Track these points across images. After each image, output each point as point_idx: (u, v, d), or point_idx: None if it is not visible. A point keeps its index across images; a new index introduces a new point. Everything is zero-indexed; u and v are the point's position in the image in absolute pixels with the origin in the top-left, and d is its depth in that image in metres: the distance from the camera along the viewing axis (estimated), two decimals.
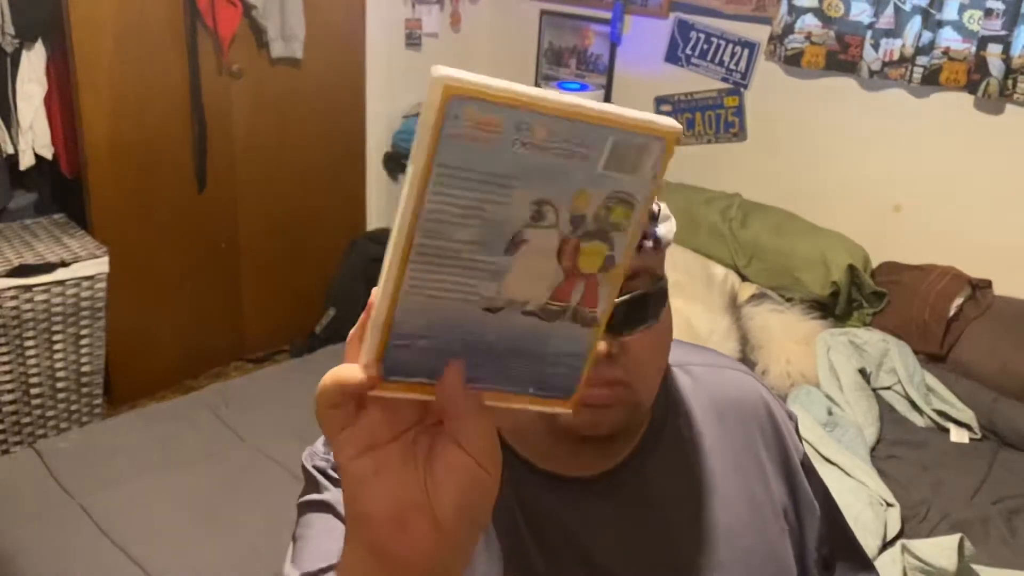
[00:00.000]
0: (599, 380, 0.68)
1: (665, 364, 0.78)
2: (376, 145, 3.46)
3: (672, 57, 3.13)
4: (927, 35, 2.51)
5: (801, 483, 0.89)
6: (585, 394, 0.49)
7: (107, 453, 1.86)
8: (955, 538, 1.61)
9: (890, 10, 2.55)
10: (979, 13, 2.44)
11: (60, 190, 2.89)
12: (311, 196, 3.28)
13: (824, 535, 0.92)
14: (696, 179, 3.04)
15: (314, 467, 0.81)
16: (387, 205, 3.58)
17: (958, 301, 2.48)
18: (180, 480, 1.79)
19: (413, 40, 3.43)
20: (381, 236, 3.34)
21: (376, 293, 0.43)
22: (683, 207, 2.85)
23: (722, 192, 2.92)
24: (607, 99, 3.33)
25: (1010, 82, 2.39)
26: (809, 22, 2.71)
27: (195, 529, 1.65)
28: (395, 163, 3.50)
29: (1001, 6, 2.38)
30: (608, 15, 3.25)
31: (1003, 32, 2.39)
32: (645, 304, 0.71)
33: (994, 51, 2.41)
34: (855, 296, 2.60)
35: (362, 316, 0.46)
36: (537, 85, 3.46)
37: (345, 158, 3.37)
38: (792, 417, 0.92)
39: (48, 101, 2.64)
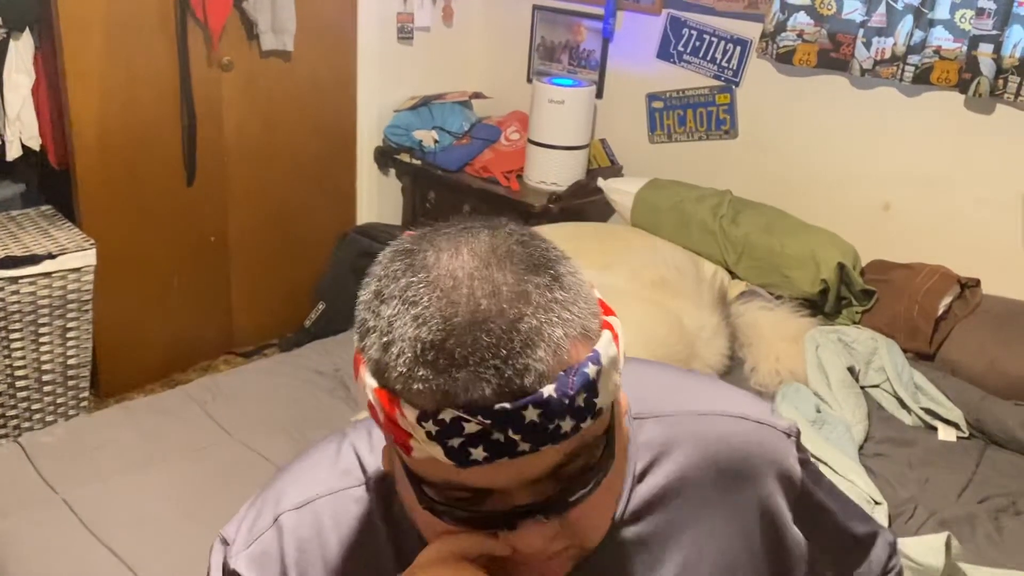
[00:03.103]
0: (542, 557, 0.61)
1: (618, 495, 0.70)
2: (367, 139, 3.45)
3: (664, 54, 3.13)
4: (919, 34, 2.51)
5: (791, 540, 0.80)
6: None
7: (92, 447, 1.85)
8: (942, 536, 1.62)
9: (882, 8, 2.55)
10: (971, 12, 2.44)
11: (48, 181, 2.88)
12: (301, 189, 3.26)
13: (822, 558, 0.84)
14: (687, 176, 3.04)
15: None
16: (378, 199, 3.57)
17: (947, 300, 2.48)
18: (165, 475, 1.77)
19: (405, 34, 3.42)
20: (371, 230, 3.33)
21: None
22: (674, 204, 2.85)
23: (713, 189, 2.92)
24: (599, 95, 3.32)
25: (1001, 82, 2.39)
26: (801, 20, 2.71)
27: (179, 524, 1.64)
28: (386, 157, 3.49)
29: (992, 6, 2.38)
30: (601, 11, 3.24)
31: (994, 32, 2.39)
32: (590, 473, 0.61)
33: (985, 51, 2.41)
34: (844, 294, 2.60)
35: None
36: (529, 80, 3.46)
37: (336, 152, 3.36)
38: (792, 435, 0.80)
39: (36, 92, 2.62)
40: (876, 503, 1.83)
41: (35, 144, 2.65)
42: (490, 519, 0.59)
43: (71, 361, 2.59)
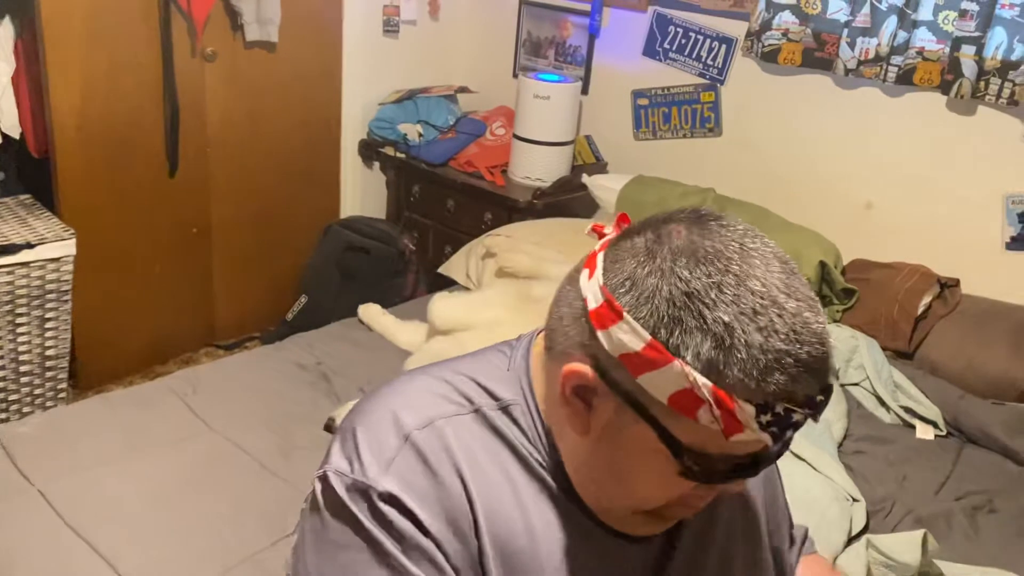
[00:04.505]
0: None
1: None
2: (352, 132, 3.43)
3: (650, 51, 3.13)
4: (902, 35, 2.52)
5: (775, 486, 0.95)
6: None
7: (69, 438, 1.83)
8: (918, 534, 1.63)
9: (866, 9, 2.56)
10: (954, 14, 2.46)
11: (27, 170, 2.84)
12: (285, 182, 3.24)
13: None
14: (671, 173, 3.04)
15: (368, 512, 0.75)
16: (362, 192, 3.55)
17: (927, 299, 2.50)
18: (143, 467, 1.76)
19: (391, 27, 3.41)
20: (355, 223, 3.32)
21: None
22: (657, 201, 2.86)
23: (696, 187, 2.93)
24: (585, 91, 3.32)
25: (982, 83, 2.41)
26: (786, 19, 2.72)
27: (156, 517, 1.63)
28: (370, 150, 3.48)
29: (975, 8, 2.40)
30: (587, 7, 3.24)
31: (976, 33, 2.41)
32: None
33: (967, 52, 2.43)
34: (826, 292, 2.62)
35: None
36: (515, 75, 3.45)
37: (320, 144, 3.34)
38: None
39: (16, 80, 2.59)
40: (854, 500, 1.85)
41: (15, 132, 2.62)
42: (738, 474, 0.71)
43: (49, 352, 2.56)
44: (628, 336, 0.66)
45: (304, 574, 0.76)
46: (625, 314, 0.66)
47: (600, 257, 0.72)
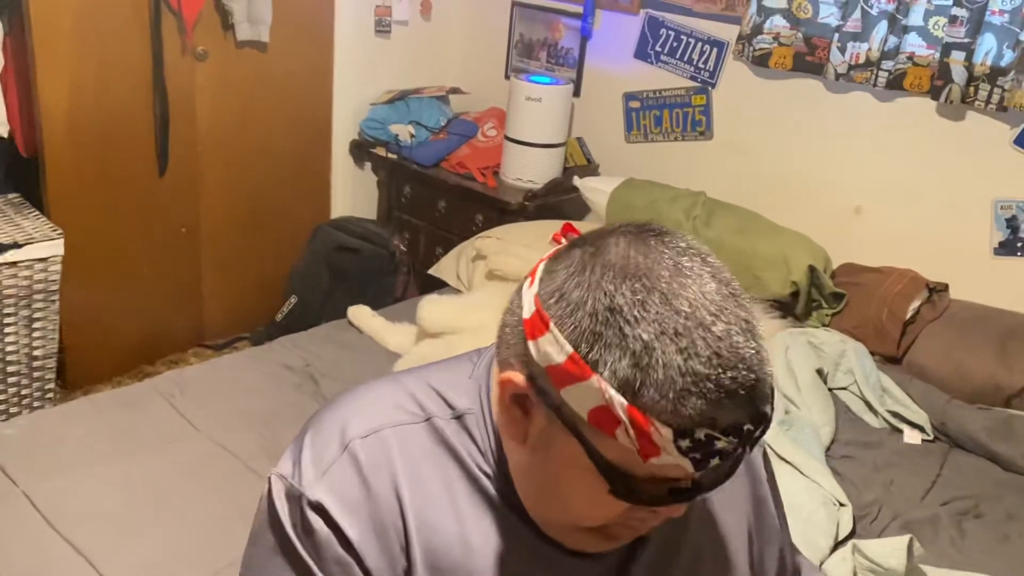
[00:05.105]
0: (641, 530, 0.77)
1: None
2: (343, 132, 3.42)
3: (642, 54, 3.13)
4: (893, 40, 2.53)
5: (767, 510, 0.93)
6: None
7: (55, 440, 1.82)
8: (904, 539, 1.63)
9: (857, 14, 2.57)
10: (944, 20, 2.46)
11: (15, 169, 2.82)
12: (275, 182, 3.23)
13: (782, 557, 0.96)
14: (661, 177, 3.04)
15: (295, 519, 0.76)
16: (352, 193, 3.55)
17: (915, 304, 2.51)
18: (129, 469, 1.75)
19: (383, 27, 3.40)
20: (345, 224, 3.31)
21: None
22: (648, 204, 2.86)
23: (687, 190, 2.93)
24: (577, 93, 3.32)
25: (972, 89, 2.42)
26: (778, 23, 2.72)
27: (142, 520, 1.62)
28: (361, 151, 3.47)
29: (965, 14, 2.41)
30: (579, 9, 3.24)
31: (966, 39, 2.42)
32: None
33: (957, 58, 2.44)
34: (815, 296, 2.62)
35: None
36: (507, 77, 3.45)
37: (311, 144, 3.33)
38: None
39: (4, 78, 2.58)
40: (841, 505, 1.85)
41: (3, 131, 2.60)
42: (674, 499, 0.69)
43: (36, 352, 2.55)
44: (552, 348, 0.66)
45: (244, 562, 0.80)
46: (551, 325, 0.66)
47: (541, 267, 0.71)
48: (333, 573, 0.74)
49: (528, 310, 0.69)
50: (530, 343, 0.68)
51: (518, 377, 0.70)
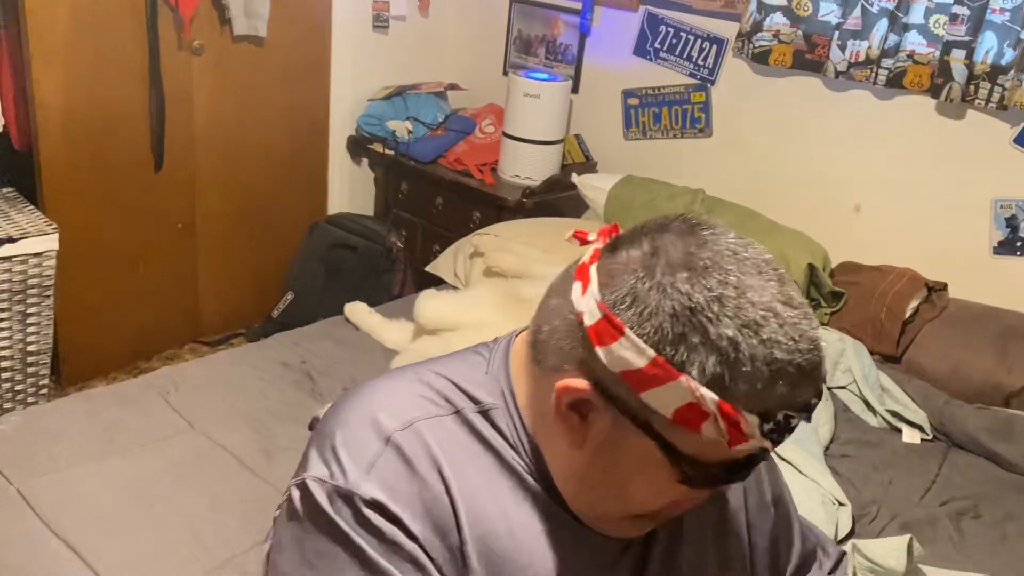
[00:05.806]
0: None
1: None
2: (340, 128, 3.41)
3: (641, 50, 3.12)
4: (893, 38, 2.52)
5: (758, 484, 0.94)
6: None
7: (48, 436, 1.80)
8: (904, 539, 1.62)
9: (857, 11, 2.56)
10: (944, 18, 2.45)
11: (10, 163, 2.80)
12: (272, 178, 3.22)
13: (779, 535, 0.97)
14: (660, 174, 3.04)
15: (352, 519, 0.73)
16: (349, 189, 3.53)
17: (914, 303, 2.50)
18: (123, 466, 1.73)
19: (380, 23, 3.38)
20: (342, 220, 3.30)
21: None
22: (646, 201, 2.85)
23: (686, 188, 2.92)
24: (575, 90, 3.31)
25: (972, 87, 2.41)
26: (778, 20, 2.71)
27: (136, 517, 1.60)
28: (359, 147, 3.46)
29: (966, 12, 2.40)
30: (578, 5, 3.23)
31: (967, 38, 2.41)
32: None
33: (957, 56, 2.43)
34: (814, 295, 2.62)
35: None
36: (505, 73, 3.43)
37: (308, 140, 3.32)
38: None
39: None
40: (840, 504, 1.84)
41: None
42: (734, 476, 0.72)
43: (31, 348, 2.53)
44: (630, 353, 0.66)
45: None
46: (627, 331, 0.66)
47: (593, 270, 0.70)
48: (401, 566, 0.72)
49: (591, 316, 0.68)
50: (599, 350, 0.67)
51: (580, 383, 0.70)
